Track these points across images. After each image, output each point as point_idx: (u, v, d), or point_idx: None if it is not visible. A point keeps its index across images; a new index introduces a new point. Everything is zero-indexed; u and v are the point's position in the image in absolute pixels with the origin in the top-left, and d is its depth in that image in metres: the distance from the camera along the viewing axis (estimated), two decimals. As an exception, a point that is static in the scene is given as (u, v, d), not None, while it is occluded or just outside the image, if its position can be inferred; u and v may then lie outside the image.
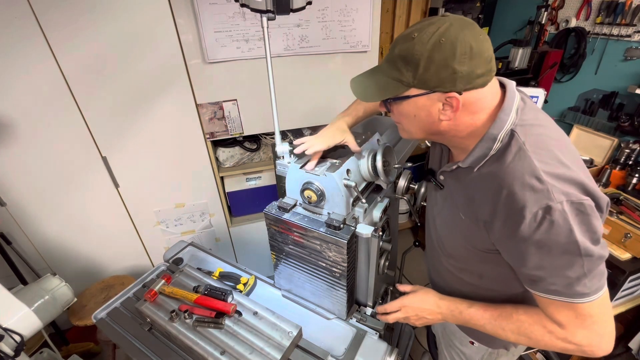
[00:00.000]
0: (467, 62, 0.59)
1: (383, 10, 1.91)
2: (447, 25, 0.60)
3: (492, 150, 0.66)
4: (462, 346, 1.07)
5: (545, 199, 0.59)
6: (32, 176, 1.55)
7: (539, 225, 0.60)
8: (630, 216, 1.46)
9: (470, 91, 0.63)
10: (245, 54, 1.62)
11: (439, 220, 0.88)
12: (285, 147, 1.00)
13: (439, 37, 0.59)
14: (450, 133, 0.71)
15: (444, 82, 0.61)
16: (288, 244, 1.01)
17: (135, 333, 1.03)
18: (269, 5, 0.86)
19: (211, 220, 2.01)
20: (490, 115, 0.68)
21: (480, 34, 0.61)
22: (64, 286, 1.21)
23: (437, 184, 0.84)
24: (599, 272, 0.62)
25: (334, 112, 1.92)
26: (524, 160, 0.62)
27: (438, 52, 0.60)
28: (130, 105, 1.56)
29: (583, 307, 0.64)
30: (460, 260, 0.86)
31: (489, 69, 0.62)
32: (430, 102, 0.66)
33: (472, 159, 0.70)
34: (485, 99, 0.66)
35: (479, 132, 0.69)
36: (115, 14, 1.38)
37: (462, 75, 0.60)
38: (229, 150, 1.95)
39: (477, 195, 0.71)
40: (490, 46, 0.63)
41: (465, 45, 0.59)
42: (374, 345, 0.99)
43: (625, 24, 1.82)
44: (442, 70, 0.60)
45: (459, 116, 0.67)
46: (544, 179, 0.60)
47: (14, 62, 1.33)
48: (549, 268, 0.63)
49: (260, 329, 0.94)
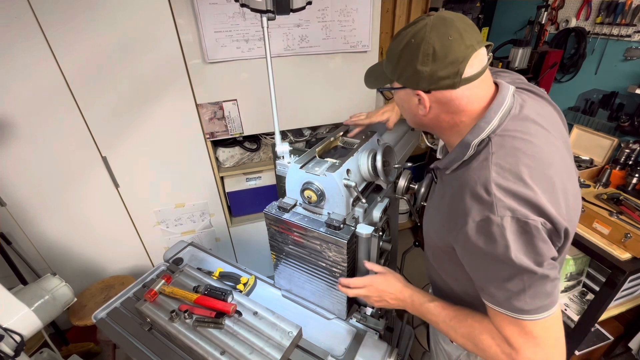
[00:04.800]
0: (430, 64, 0.61)
1: (383, 10, 1.91)
2: (422, 25, 0.61)
3: (465, 156, 0.66)
4: (444, 343, 1.08)
5: (487, 210, 0.60)
6: (32, 176, 1.55)
7: (478, 234, 0.61)
8: (630, 216, 1.46)
9: (440, 91, 0.64)
10: (245, 54, 1.62)
11: (427, 212, 0.88)
12: (285, 147, 1.00)
13: (411, 37, 0.62)
14: (435, 129, 0.74)
15: (410, 80, 0.65)
16: (288, 244, 1.01)
17: (135, 333, 1.03)
18: (269, 5, 0.86)
19: (211, 220, 2.01)
20: (474, 118, 0.67)
21: (451, 34, 0.59)
22: (64, 286, 1.21)
23: (434, 176, 0.85)
24: (543, 292, 0.61)
25: (334, 112, 1.94)
26: (482, 170, 0.62)
27: (406, 51, 0.63)
28: (130, 105, 1.56)
29: (526, 324, 0.63)
30: (435, 257, 0.87)
31: (455, 71, 0.61)
32: (407, 96, 0.70)
33: (447, 161, 0.71)
34: (461, 100, 0.65)
35: (462, 132, 0.69)
36: (115, 13, 1.38)
37: (424, 76, 0.62)
38: (229, 150, 1.95)
39: (445, 194, 0.72)
40: (466, 47, 0.60)
41: (428, 47, 0.60)
42: (374, 345, 0.99)
43: (625, 24, 1.82)
44: (407, 69, 0.64)
45: (437, 113, 0.68)
46: (492, 192, 0.60)
47: (14, 62, 1.33)
48: (488, 277, 0.64)
49: (260, 329, 0.94)
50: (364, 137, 1.05)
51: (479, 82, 0.65)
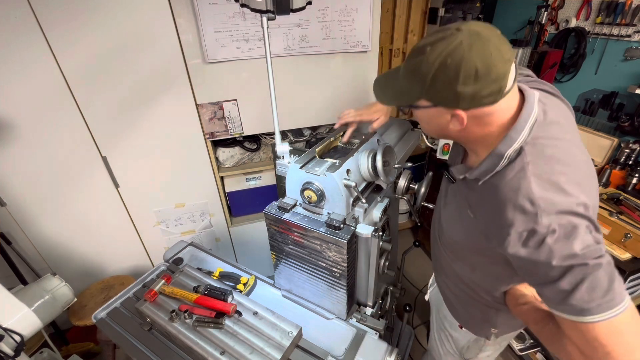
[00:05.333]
0: (472, 85, 0.59)
1: (383, 10, 1.91)
2: (456, 44, 0.58)
3: (499, 167, 0.67)
4: (452, 329, 1.12)
5: (531, 222, 0.60)
6: (32, 176, 1.55)
7: (522, 245, 0.62)
8: (630, 216, 1.46)
9: (477, 108, 0.63)
10: (245, 54, 1.62)
11: (445, 211, 0.90)
12: (285, 147, 1.01)
13: (446, 57, 0.59)
14: (461, 140, 0.74)
15: (447, 100, 0.63)
16: (288, 244, 1.01)
17: (135, 333, 1.03)
18: (269, 5, 0.86)
19: (211, 220, 2.01)
20: (503, 128, 0.67)
21: (492, 51, 0.58)
22: (64, 286, 1.21)
23: (449, 177, 0.86)
24: (599, 285, 0.57)
25: (334, 112, 1.94)
26: (522, 181, 0.63)
27: (442, 72, 0.60)
28: (130, 105, 1.56)
29: (590, 328, 0.58)
30: (456, 251, 0.89)
31: (498, 88, 0.60)
32: (439, 114, 0.67)
33: (479, 172, 0.71)
34: (496, 114, 0.65)
35: (489, 142, 0.69)
36: (115, 13, 1.38)
37: (465, 97, 0.60)
38: (229, 150, 1.95)
39: (479, 203, 0.73)
40: (505, 61, 0.59)
41: (470, 68, 0.57)
42: (374, 345, 0.99)
43: (625, 24, 1.82)
44: (446, 90, 0.61)
45: (469, 127, 0.67)
46: (536, 203, 0.60)
47: (14, 62, 1.33)
48: (541, 281, 0.64)
49: (260, 329, 0.94)
50: (364, 137, 1.05)
51: (512, 93, 0.65)
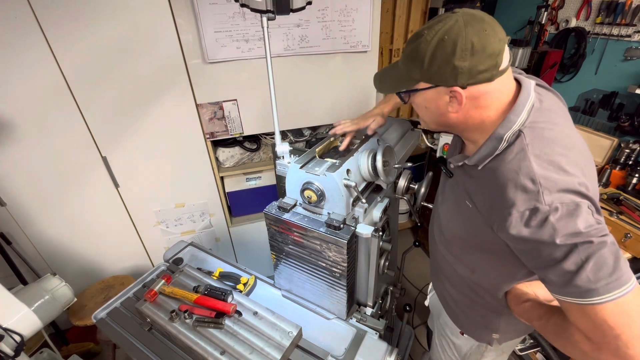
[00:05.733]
0: (469, 59, 0.61)
1: (383, 10, 1.91)
2: (452, 23, 0.62)
3: (498, 150, 0.67)
4: (453, 336, 1.10)
5: (533, 200, 0.61)
6: (32, 176, 1.55)
7: (524, 224, 0.62)
8: (630, 216, 1.46)
9: (475, 85, 0.64)
10: (245, 54, 1.62)
11: (443, 207, 0.90)
12: (285, 147, 1.00)
13: (443, 34, 0.62)
14: (460, 127, 0.73)
15: (446, 77, 0.64)
16: (288, 244, 1.01)
17: (135, 333, 1.03)
18: (269, 5, 0.86)
19: (211, 220, 2.01)
20: (501, 113, 0.68)
21: (486, 28, 0.61)
22: (64, 286, 1.21)
23: (447, 172, 0.86)
24: (605, 263, 0.56)
25: (334, 112, 1.94)
26: (522, 161, 0.63)
27: (440, 49, 0.62)
28: (130, 105, 1.56)
29: (597, 310, 0.57)
30: (456, 249, 0.88)
31: (494, 64, 0.62)
32: (438, 96, 0.68)
33: (478, 157, 0.71)
34: (493, 94, 0.66)
35: (487, 128, 0.70)
36: (116, 13, 1.38)
37: (463, 71, 0.62)
38: (229, 150, 1.95)
39: (480, 189, 0.73)
40: (499, 40, 0.62)
41: (466, 42, 0.60)
42: (374, 345, 0.99)
43: (625, 24, 1.82)
44: (444, 66, 0.63)
45: (467, 110, 0.68)
46: (537, 181, 0.61)
47: (14, 62, 1.33)
48: (544, 264, 0.63)
49: (260, 329, 0.94)
50: (364, 137, 1.05)
51: (507, 75, 0.67)
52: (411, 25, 2.26)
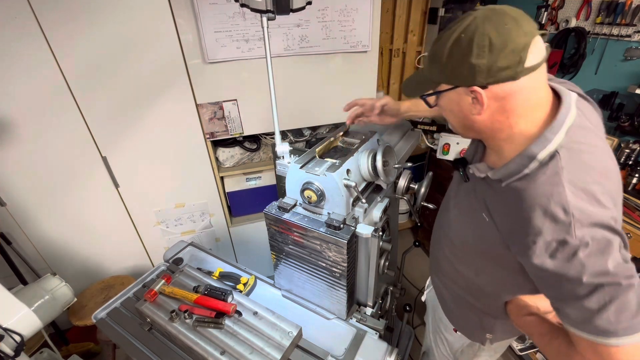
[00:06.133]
0: (486, 56, 0.56)
1: (383, 10, 1.91)
2: (470, 20, 0.58)
3: (527, 169, 0.61)
4: (446, 332, 1.11)
5: (563, 232, 0.56)
6: (32, 176, 1.55)
7: (550, 255, 0.58)
8: (630, 216, 1.46)
9: (497, 85, 0.59)
10: (245, 54, 1.62)
11: (455, 212, 0.86)
12: (285, 147, 1.00)
13: (460, 33, 0.58)
14: (487, 132, 0.68)
15: (464, 77, 0.60)
16: (288, 244, 1.01)
17: (135, 333, 1.03)
18: (269, 5, 0.86)
19: (211, 220, 2.01)
20: (535, 127, 0.62)
21: (507, 22, 0.56)
22: (64, 286, 1.21)
23: (464, 176, 0.81)
24: (629, 306, 0.54)
25: (334, 112, 1.94)
26: (555, 187, 0.57)
27: (456, 48, 0.59)
28: (130, 105, 1.56)
29: (609, 351, 0.55)
30: (462, 252, 0.86)
31: (517, 60, 0.56)
32: (459, 97, 0.65)
33: (504, 173, 0.66)
34: (521, 95, 0.60)
35: (518, 141, 0.64)
36: (116, 13, 1.38)
37: (481, 70, 0.57)
38: (229, 150, 1.95)
39: (501, 207, 0.68)
40: (525, 34, 0.56)
41: (483, 39, 0.56)
42: (374, 345, 0.99)
43: (625, 24, 1.81)
44: (461, 66, 0.59)
45: (492, 112, 0.63)
46: (570, 212, 0.55)
47: (14, 62, 1.33)
48: (563, 297, 0.59)
49: (260, 329, 0.94)
50: (364, 137, 1.05)
51: (539, 74, 0.60)
52: (411, 25, 2.26)
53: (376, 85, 1.98)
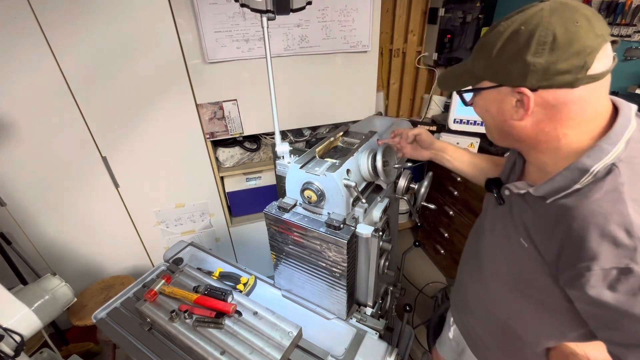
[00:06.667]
0: (546, 55, 0.49)
1: (383, 10, 1.91)
2: (534, 11, 0.51)
3: (579, 183, 0.53)
4: None
5: (626, 257, 0.47)
6: (32, 176, 1.55)
7: (609, 286, 0.49)
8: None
9: (550, 90, 0.51)
10: (245, 54, 1.62)
11: (488, 240, 0.77)
12: (285, 147, 1.00)
13: (520, 24, 0.51)
14: (527, 142, 0.60)
15: (513, 75, 0.53)
16: (288, 244, 1.01)
17: (135, 333, 1.03)
18: (269, 5, 0.86)
19: (211, 220, 2.01)
20: (588, 138, 0.54)
21: (578, 19, 0.48)
22: (64, 286, 1.21)
23: (498, 198, 0.71)
24: None
25: (334, 112, 1.94)
26: (616, 204, 0.49)
27: (512, 41, 0.51)
28: (130, 105, 1.56)
29: None
30: (495, 288, 0.76)
31: (581, 64, 0.48)
32: (501, 97, 0.57)
33: (549, 189, 0.57)
34: (576, 106, 0.52)
35: (566, 154, 0.56)
36: (116, 13, 1.38)
37: (536, 69, 0.50)
38: (229, 150, 1.95)
39: (545, 228, 0.59)
40: (596, 36, 0.48)
41: (546, 34, 0.48)
42: (374, 345, 0.99)
43: (625, 24, 1.81)
44: (512, 62, 0.52)
45: (538, 121, 0.55)
46: (635, 234, 0.47)
47: (14, 62, 1.33)
48: (625, 339, 0.51)
49: (260, 329, 0.94)
50: (364, 137, 1.05)
51: (601, 86, 0.51)
52: (411, 25, 2.26)
53: (376, 85, 1.98)
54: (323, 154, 0.99)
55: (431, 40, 2.26)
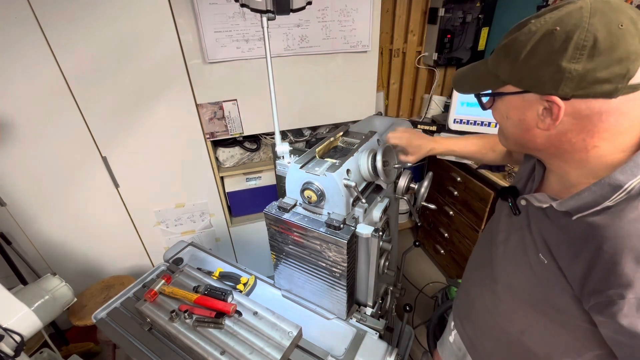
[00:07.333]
0: (584, 61, 0.43)
1: (383, 10, 1.91)
2: (572, 9, 0.45)
3: (610, 200, 0.48)
4: None
5: None
6: (32, 176, 1.55)
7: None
8: None
9: (585, 100, 0.46)
10: (245, 54, 1.62)
11: (502, 251, 0.72)
12: (285, 147, 1.00)
13: (554, 25, 0.45)
14: (549, 151, 0.55)
15: (543, 81, 0.47)
16: (288, 244, 1.01)
17: (135, 333, 1.03)
18: (269, 5, 0.86)
19: (211, 220, 2.01)
20: (619, 150, 0.49)
21: (623, 22, 0.43)
22: (64, 286, 1.21)
23: (513, 208, 0.67)
24: None
25: (334, 112, 1.94)
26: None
27: (545, 43, 0.46)
28: (130, 105, 1.56)
29: None
30: (508, 301, 0.71)
31: (623, 73, 0.43)
32: (526, 104, 0.51)
33: (576, 205, 0.52)
34: (612, 118, 0.46)
35: (591, 163, 0.51)
36: (116, 13, 1.38)
37: (572, 77, 0.44)
38: (229, 150, 1.95)
39: (569, 246, 0.54)
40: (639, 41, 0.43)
41: (586, 37, 0.43)
42: (374, 345, 0.99)
43: (625, 24, 1.82)
44: (544, 66, 0.46)
45: (565, 131, 0.50)
46: None
47: (14, 62, 1.33)
48: None
49: (260, 329, 0.94)
50: (364, 137, 1.05)
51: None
52: (411, 25, 2.26)
53: (376, 85, 1.98)
54: (323, 154, 0.99)
55: (431, 40, 2.26)
